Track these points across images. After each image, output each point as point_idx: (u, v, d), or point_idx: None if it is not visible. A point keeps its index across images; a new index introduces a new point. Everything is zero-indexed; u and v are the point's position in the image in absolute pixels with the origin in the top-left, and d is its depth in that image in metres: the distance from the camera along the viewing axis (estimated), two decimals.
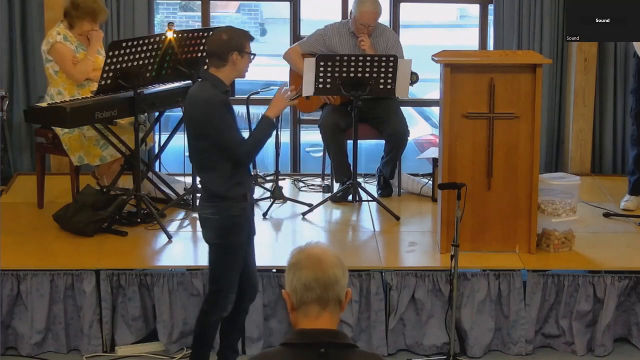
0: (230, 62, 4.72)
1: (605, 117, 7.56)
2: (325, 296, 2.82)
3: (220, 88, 4.72)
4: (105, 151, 6.36)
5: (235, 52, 4.71)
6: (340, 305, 2.87)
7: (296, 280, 2.83)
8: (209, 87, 4.72)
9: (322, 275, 2.82)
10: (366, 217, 6.55)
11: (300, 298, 2.83)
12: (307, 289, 2.82)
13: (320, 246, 2.91)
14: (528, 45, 7.40)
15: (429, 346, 5.61)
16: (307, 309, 2.83)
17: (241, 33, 4.84)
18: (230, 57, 4.71)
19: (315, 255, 2.86)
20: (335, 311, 2.85)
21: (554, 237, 5.81)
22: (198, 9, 8.28)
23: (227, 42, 4.73)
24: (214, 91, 4.70)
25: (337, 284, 2.84)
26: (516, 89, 5.69)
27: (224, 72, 4.74)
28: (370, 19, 6.72)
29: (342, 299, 2.86)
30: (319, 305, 2.83)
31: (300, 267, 2.84)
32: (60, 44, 6.33)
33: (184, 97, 6.36)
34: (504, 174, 5.74)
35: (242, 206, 4.79)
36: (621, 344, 5.72)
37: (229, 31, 4.83)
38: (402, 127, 6.78)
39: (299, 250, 2.90)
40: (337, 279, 2.84)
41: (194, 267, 5.63)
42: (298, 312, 2.85)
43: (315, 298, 2.82)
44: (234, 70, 4.76)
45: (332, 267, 2.84)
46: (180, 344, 5.60)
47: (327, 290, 2.82)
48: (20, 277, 5.50)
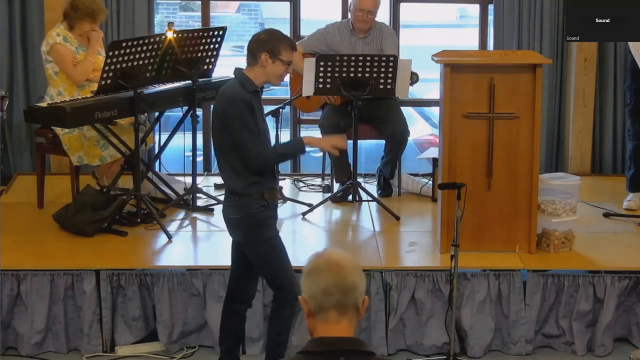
0: (260, 63, 4.65)
1: (605, 117, 7.56)
2: (344, 302, 2.80)
3: (247, 87, 4.65)
4: (105, 151, 6.36)
5: (266, 53, 4.63)
6: (357, 312, 2.84)
7: (315, 286, 2.80)
8: (236, 84, 4.67)
9: (342, 280, 2.80)
10: (366, 217, 6.55)
11: (319, 304, 2.80)
12: (326, 294, 2.79)
13: (338, 252, 2.88)
14: (528, 45, 7.40)
15: (429, 346, 5.61)
16: (326, 315, 2.80)
17: (281, 38, 4.70)
18: (260, 58, 4.64)
19: (335, 261, 2.83)
20: (353, 318, 2.83)
21: (554, 237, 5.81)
22: (198, 9, 8.28)
23: (262, 41, 4.66)
24: (240, 89, 4.63)
25: (356, 290, 2.82)
26: (516, 89, 5.69)
27: (254, 71, 4.67)
28: (369, 4, 6.72)
29: (360, 305, 2.84)
30: (338, 312, 2.80)
31: (319, 272, 2.81)
32: (60, 45, 6.33)
33: (184, 97, 6.42)
34: (504, 174, 5.74)
35: (260, 204, 4.71)
36: (621, 344, 5.72)
37: (270, 32, 4.75)
38: (402, 127, 6.79)
39: (317, 256, 2.87)
40: (355, 284, 2.81)
41: (194, 267, 5.63)
42: (316, 318, 2.82)
43: (335, 304, 2.79)
44: (263, 72, 4.67)
45: (351, 273, 2.82)
46: (180, 344, 5.60)
47: (347, 295, 2.80)
48: (20, 277, 5.50)
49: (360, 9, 6.73)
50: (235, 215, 4.75)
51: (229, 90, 4.67)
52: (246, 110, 4.61)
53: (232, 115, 4.61)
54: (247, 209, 4.70)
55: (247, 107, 4.62)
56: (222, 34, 6.49)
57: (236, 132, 4.62)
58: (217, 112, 4.69)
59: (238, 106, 4.60)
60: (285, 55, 4.66)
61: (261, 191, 4.72)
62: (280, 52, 4.65)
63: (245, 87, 4.65)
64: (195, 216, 6.46)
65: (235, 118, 4.61)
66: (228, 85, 4.74)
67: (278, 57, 4.65)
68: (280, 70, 4.69)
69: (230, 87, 4.69)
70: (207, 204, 6.62)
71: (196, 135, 6.49)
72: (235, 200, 4.72)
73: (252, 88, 4.67)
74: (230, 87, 4.70)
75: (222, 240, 6.10)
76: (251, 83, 4.67)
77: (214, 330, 5.53)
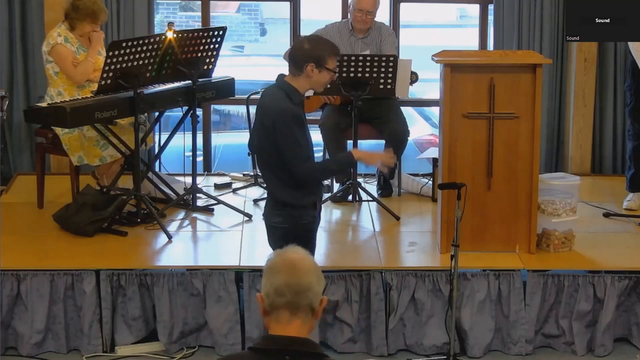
0: (305, 73, 4.52)
1: (605, 117, 7.56)
2: (295, 302, 2.78)
3: (294, 99, 4.53)
4: (105, 152, 6.36)
5: (312, 64, 4.50)
6: (313, 313, 2.82)
7: (269, 285, 2.80)
8: (283, 97, 4.53)
9: (295, 281, 2.78)
10: (366, 217, 6.55)
11: (271, 302, 2.80)
12: (278, 293, 2.78)
13: (298, 252, 2.86)
14: (528, 45, 7.40)
15: (429, 346, 5.61)
16: (277, 314, 2.80)
17: (325, 46, 4.57)
18: (306, 69, 4.51)
19: (291, 261, 2.82)
20: (306, 319, 2.81)
21: (554, 237, 5.81)
22: (198, 9, 8.29)
23: (306, 51, 4.52)
24: (288, 103, 4.50)
25: (310, 291, 2.80)
26: (516, 89, 5.69)
27: (299, 81, 4.55)
28: (368, 4, 6.72)
29: (316, 306, 2.82)
30: (289, 311, 2.79)
31: (275, 271, 2.81)
32: (61, 45, 6.33)
33: (184, 97, 6.42)
34: (504, 174, 5.74)
35: (312, 214, 4.66)
36: (621, 344, 5.72)
37: (313, 40, 4.62)
38: (402, 127, 6.79)
39: (276, 254, 2.87)
40: (310, 285, 2.80)
41: (194, 267, 5.63)
42: (270, 316, 2.82)
43: (285, 303, 2.78)
44: (308, 82, 4.56)
45: (306, 274, 2.80)
46: (180, 344, 5.60)
47: (299, 296, 2.78)
48: (20, 277, 5.50)
49: (359, 10, 6.74)
50: (284, 224, 4.65)
51: (278, 105, 4.52)
52: (297, 125, 4.50)
53: (283, 131, 4.49)
54: (299, 220, 4.63)
55: (298, 122, 4.51)
56: (222, 34, 6.49)
57: (285, 146, 4.51)
58: (265, 124, 4.55)
59: (289, 123, 4.48)
60: (330, 63, 4.55)
61: (314, 200, 4.67)
62: (327, 61, 4.54)
63: (292, 100, 4.53)
64: (195, 216, 6.46)
65: (286, 134, 4.49)
66: (274, 97, 4.57)
67: (324, 67, 4.54)
68: (326, 78, 4.59)
69: (277, 100, 4.54)
70: (207, 204, 6.62)
71: (196, 135, 6.49)
72: (286, 210, 4.63)
73: (298, 99, 4.56)
74: (276, 100, 4.55)
75: (222, 240, 6.11)
76: (297, 94, 4.55)
77: (214, 330, 5.53)
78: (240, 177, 7.31)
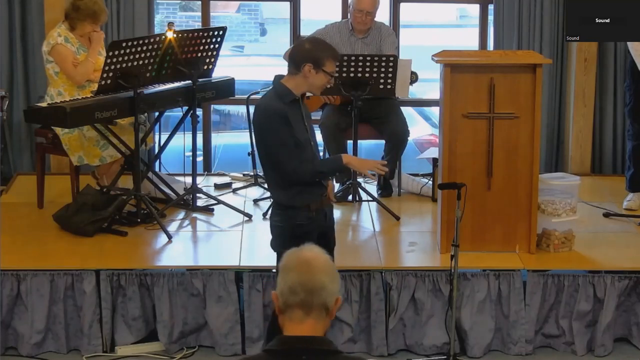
0: (302, 73, 4.54)
1: (605, 117, 7.56)
2: (309, 301, 2.78)
3: (284, 98, 4.55)
4: (105, 152, 6.36)
5: (310, 64, 4.53)
6: (327, 312, 2.82)
7: (283, 283, 2.80)
8: (273, 96, 4.58)
9: (308, 279, 2.79)
10: (366, 217, 6.55)
11: (285, 301, 2.80)
12: (292, 292, 2.78)
13: (314, 250, 2.86)
14: (528, 45, 7.40)
15: (429, 346, 5.61)
16: (291, 312, 2.80)
17: (325, 49, 4.61)
18: (304, 68, 4.54)
19: (306, 259, 2.82)
20: (320, 317, 2.81)
21: (554, 237, 5.81)
22: (198, 9, 8.29)
23: (306, 51, 4.56)
24: (276, 102, 4.53)
25: (324, 290, 2.79)
26: (516, 89, 5.69)
27: (295, 81, 4.57)
28: (367, 4, 6.72)
29: (330, 305, 2.82)
30: (303, 310, 2.79)
31: (289, 269, 2.81)
32: (61, 45, 6.33)
33: (184, 97, 6.42)
34: (504, 174, 5.74)
35: (307, 215, 4.65)
36: (621, 344, 5.72)
37: (313, 42, 4.67)
38: (402, 127, 6.79)
39: (292, 253, 2.87)
40: (323, 285, 2.79)
41: (194, 267, 5.63)
42: (284, 315, 2.82)
43: (299, 302, 2.78)
44: (305, 82, 4.58)
45: (320, 273, 2.80)
46: (180, 344, 5.60)
47: (312, 295, 2.78)
48: (20, 277, 5.50)
49: (359, 10, 6.73)
50: (280, 223, 4.68)
51: (265, 102, 4.59)
52: (280, 123, 4.51)
53: (267, 129, 4.54)
54: (294, 220, 4.64)
55: (282, 120, 4.52)
56: (222, 34, 6.49)
57: (270, 146, 4.55)
58: (255, 125, 4.66)
59: (271, 120, 4.52)
60: (329, 66, 4.57)
61: (307, 202, 4.66)
62: (325, 63, 4.56)
63: (282, 99, 4.55)
64: (195, 216, 6.46)
65: (269, 132, 4.53)
66: (265, 96, 4.65)
67: (322, 69, 4.56)
68: (323, 81, 4.61)
69: (266, 99, 4.60)
70: (207, 204, 6.62)
71: (196, 135, 6.49)
72: (283, 209, 4.67)
73: (289, 99, 4.57)
74: (266, 99, 4.61)
75: (222, 240, 6.11)
76: (289, 93, 4.57)
77: (214, 330, 5.53)
78: (240, 177, 7.31)
